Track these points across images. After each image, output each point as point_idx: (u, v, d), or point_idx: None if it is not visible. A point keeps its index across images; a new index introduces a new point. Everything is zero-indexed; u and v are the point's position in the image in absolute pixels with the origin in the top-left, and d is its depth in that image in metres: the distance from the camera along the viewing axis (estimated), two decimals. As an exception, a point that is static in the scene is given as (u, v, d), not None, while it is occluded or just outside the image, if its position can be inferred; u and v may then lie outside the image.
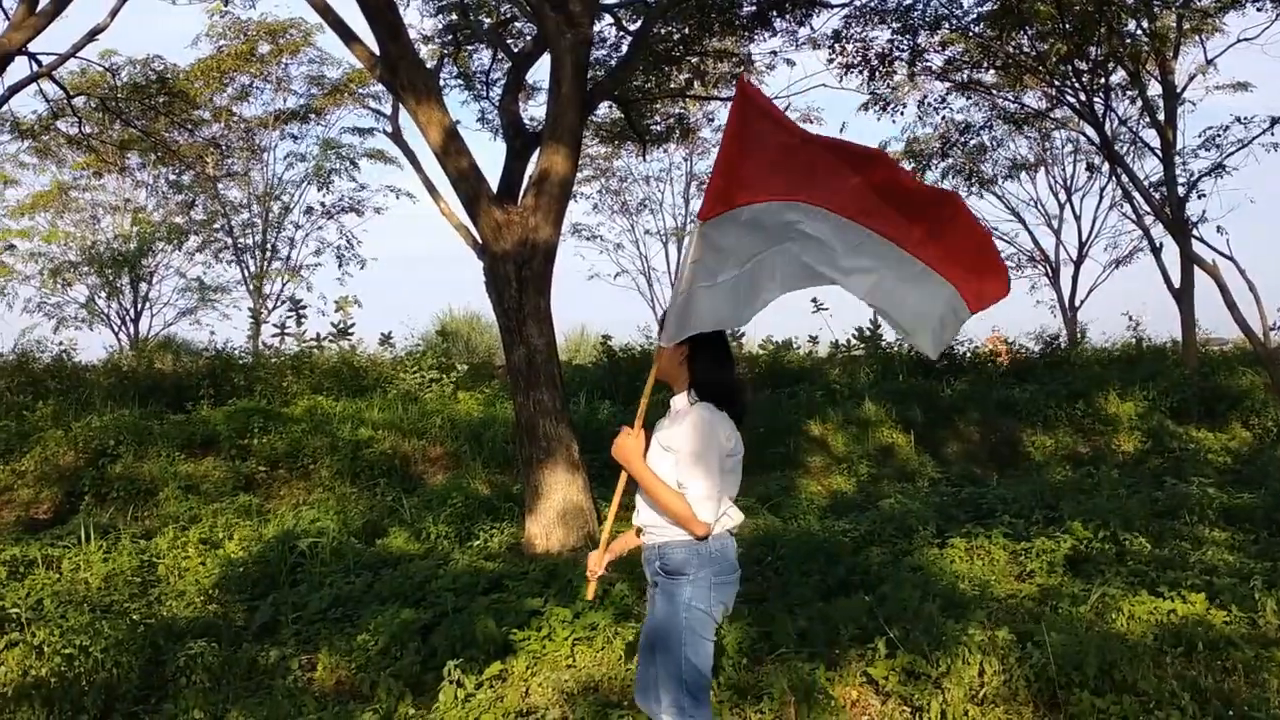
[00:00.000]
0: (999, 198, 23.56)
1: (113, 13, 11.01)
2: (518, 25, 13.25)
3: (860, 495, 9.68)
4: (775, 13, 12.18)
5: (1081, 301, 22.78)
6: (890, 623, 4.94)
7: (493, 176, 8.39)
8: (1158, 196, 15.12)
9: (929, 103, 16.70)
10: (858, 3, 12.94)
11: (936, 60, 15.06)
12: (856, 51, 13.54)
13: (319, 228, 23.83)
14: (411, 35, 8.43)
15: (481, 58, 14.67)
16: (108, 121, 18.39)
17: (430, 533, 8.08)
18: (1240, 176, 53.86)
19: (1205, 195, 16.82)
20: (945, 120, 18.08)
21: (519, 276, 7.65)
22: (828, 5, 12.60)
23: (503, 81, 12.44)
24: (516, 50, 11.41)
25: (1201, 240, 14.04)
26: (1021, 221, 23.84)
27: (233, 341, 20.84)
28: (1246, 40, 14.88)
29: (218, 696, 4.82)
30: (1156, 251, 16.31)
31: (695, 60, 13.80)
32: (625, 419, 3.38)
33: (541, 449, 7.58)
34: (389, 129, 12.64)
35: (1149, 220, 18.10)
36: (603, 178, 25.95)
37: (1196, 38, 15.60)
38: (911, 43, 13.60)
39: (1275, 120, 14.57)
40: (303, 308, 15.33)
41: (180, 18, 63.20)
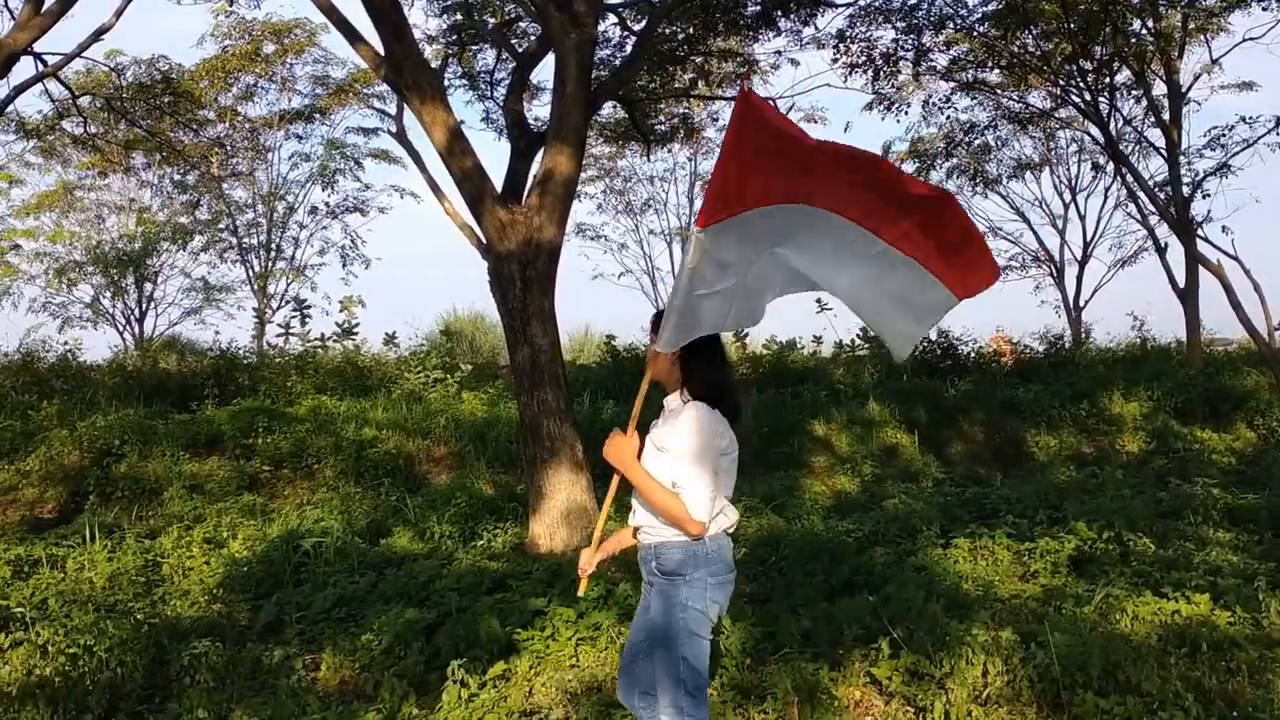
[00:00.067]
0: (1003, 197, 23.59)
1: (118, 12, 11.04)
2: (522, 25, 13.26)
3: (864, 495, 9.68)
4: (780, 12, 12.18)
5: (1086, 301, 22.78)
6: (894, 623, 4.94)
7: (497, 176, 8.40)
8: (1162, 196, 15.10)
9: (933, 102, 16.71)
10: (862, 2, 12.95)
11: (941, 60, 15.09)
12: (861, 51, 13.56)
13: (323, 227, 23.84)
14: (416, 35, 8.43)
15: (486, 58, 14.69)
16: (113, 121, 18.47)
17: (434, 532, 8.09)
18: (1245, 176, 53.87)
19: (1210, 195, 16.73)
20: (950, 120, 18.08)
21: (523, 276, 7.65)
22: (832, 5, 12.59)
23: (507, 81, 12.46)
24: (521, 50, 11.43)
25: (1206, 240, 14.05)
26: (1026, 221, 23.87)
27: (237, 341, 20.71)
28: (1252, 40, 14.90)
29: (222, 696, 4.82)
30: (1161, 251, 16.27)
31: (699, 60, 13.81)
32: (629, 419, 3.39)
33: (545, 449, 7.59)
34: (393, 129, 12.69)
35: (1154, 220, 18.07)
36: (607, 177, 25.95)
37: (1201, 37, 15.60)
38: (916, 42, 13.61)
39: (1280, 119, 14.55)
40: (307, 308, 15.39)
41: (185, 18, 63.37)
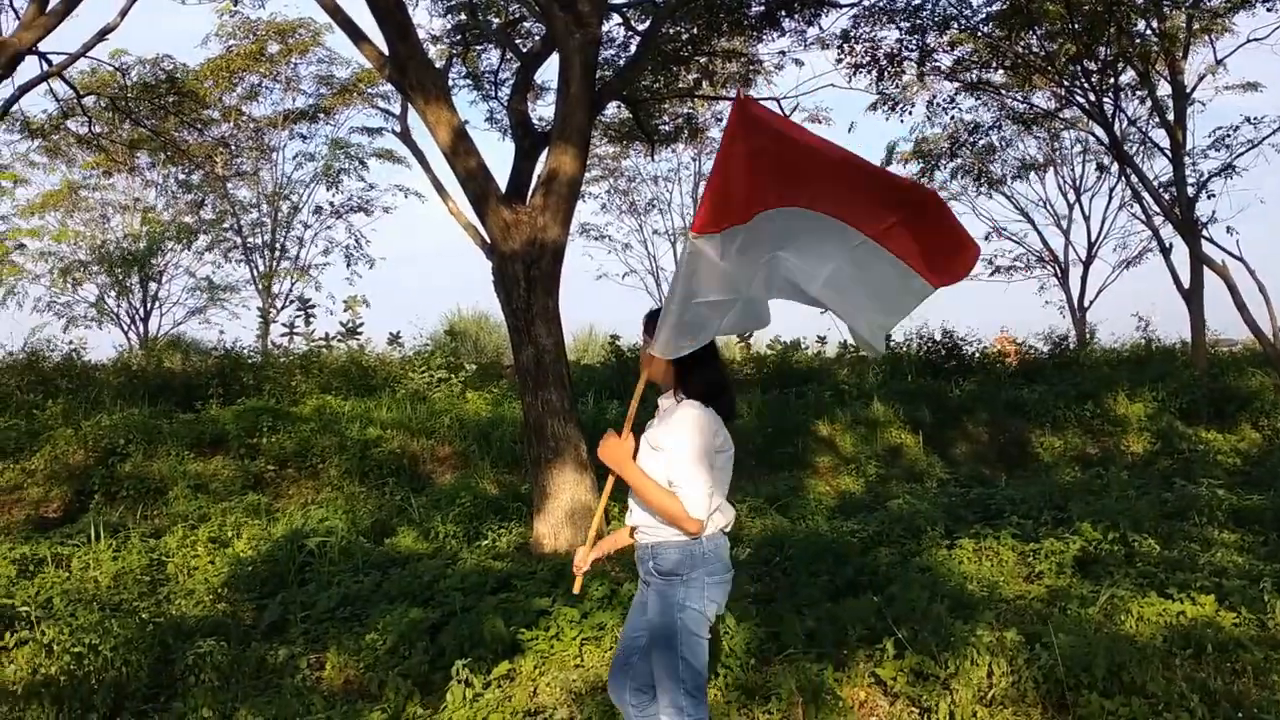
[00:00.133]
0: (1008, 198, 23.57)
1: (122, 12, 11.05)
2: (526, 25, 13.28)
3: (868, 496, 9.67)
4: (784, 12, 12.18)
5: (1090, 302, 22.78)
6: (898, 623, 4.93)
7: (501, 176, 8.41)
8: (1167, 197, 15.07)
9: (938, 103, 16.73)
10: (866, 3, 12.94)
11: (945, 60, 15.08)
12: (865, 51, 13.55)
13: (328, 227, 23.89)
14: (420, 35, 8.44)
15: (490, 58, 14.73)
16: (117, 121, 18.51)
17: (438, 532, 8.10)
18: (1250, 177, 53.75)
19: (1215, 196, 16.72)
20: (954, 120, 18.09)
21: (527, 276, 7.66)
22: (836, 5, 12.59)
23: (511, 81, 12.44)
24: (525, 50, 11.44)
25: (1211, 241, 14.05)
26: (1030, 222, 23.84)
27: (242, 341, 20.78)
28: (1256, 40, 14.91)
29: (226, 695, 4.83)
30: (1166, 252, 16.24)
31: (703, 60, 13.80)
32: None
33: (550, 449, 7.59)
34: (398, 129, 12.71)
35: (1158, 221, 18.02)
36: (611, 177, 25.97)
37: (1206, 38, 15.57)
38: (920, 42, 13.60)
39: (1285, 120, 14.52)
40: (311, 307, 15.42)
41: (190, 17, 63.43)
